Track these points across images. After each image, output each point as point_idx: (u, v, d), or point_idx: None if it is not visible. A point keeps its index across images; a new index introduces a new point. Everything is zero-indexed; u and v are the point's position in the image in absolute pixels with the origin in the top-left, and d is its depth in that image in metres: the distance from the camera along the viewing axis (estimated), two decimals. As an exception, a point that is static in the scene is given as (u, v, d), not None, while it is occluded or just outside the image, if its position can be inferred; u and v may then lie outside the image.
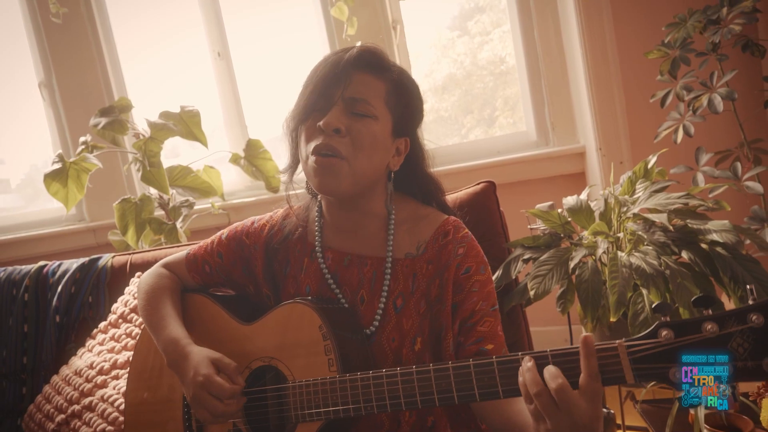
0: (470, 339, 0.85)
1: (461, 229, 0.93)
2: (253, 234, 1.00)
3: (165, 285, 1.01)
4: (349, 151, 0.84)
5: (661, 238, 1.28)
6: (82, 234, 2.58)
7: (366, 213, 0.94)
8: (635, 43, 2.01)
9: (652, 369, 0.57)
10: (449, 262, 0.87)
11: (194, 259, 1.03)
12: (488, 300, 0.88)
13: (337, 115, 0.84)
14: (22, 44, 2.51)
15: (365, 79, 0.86)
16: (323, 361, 0.79)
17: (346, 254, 0.93)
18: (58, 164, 1.92)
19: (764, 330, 0.54)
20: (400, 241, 0.92)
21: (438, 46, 2.70)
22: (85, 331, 1.52)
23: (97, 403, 1.28)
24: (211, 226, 2.38)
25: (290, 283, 0.95)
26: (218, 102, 2.57)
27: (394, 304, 0.88)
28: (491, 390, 0.67)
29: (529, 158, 2.27)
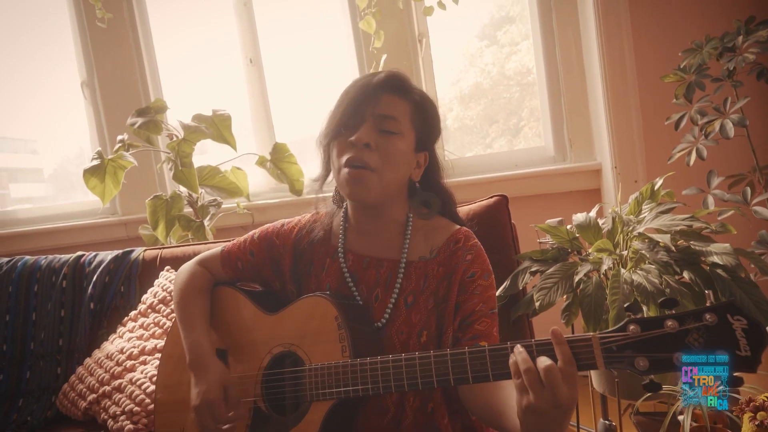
0: (467, 335, 0.94)
1: (471, 238, 1.02)
2: (283, 235, 1.10)
3: (197, 285, 1.10)
4: (378, 164, 0.94)
5: (664, 258, 1.33)
6: (115, 227, 2.71)
7: (387, 219, 1.03)
8: (654, 65, 2.06)
9: (620, 357, 0.67)
10: (458, 266, 0.97)
11: (228, 255, 1.13)
12: (488, 303, 0.96)
13: (367, 131, 0.94)
14: (68, 45, 2.65)
15: (392, 100, 0.97)
16: (337, 348, 0.88)
17: (365, 257, 1.02)
18: (96, 161, 2.05)
19: (717, 328, 0.64)
20: (415, 246, 1.01)
21: (466, 54, 2.72)
22: (117, 319, 1.63)
23: (125, 386, 1.38)
24: (235, 224, 2.49)
25: (313, 281, 1.05)
26: (248, 106, 2.68)
27: (405, 301, 0.97)
28: (482, 374, 0.76)
29: (546, 173, 2.32)
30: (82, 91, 2.63)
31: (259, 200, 2.57)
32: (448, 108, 2.75)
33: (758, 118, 1.84)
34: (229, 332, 1.05)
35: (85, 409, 1.43)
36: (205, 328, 1.03)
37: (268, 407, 0.95)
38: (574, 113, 2.30)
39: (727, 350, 0.63)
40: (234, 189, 2.30)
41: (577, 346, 0.70)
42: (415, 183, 1.04)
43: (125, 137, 2.20)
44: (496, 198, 1.56)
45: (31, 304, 1.71)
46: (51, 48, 2.83)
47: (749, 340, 0.63)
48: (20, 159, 3.55)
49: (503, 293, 1.44)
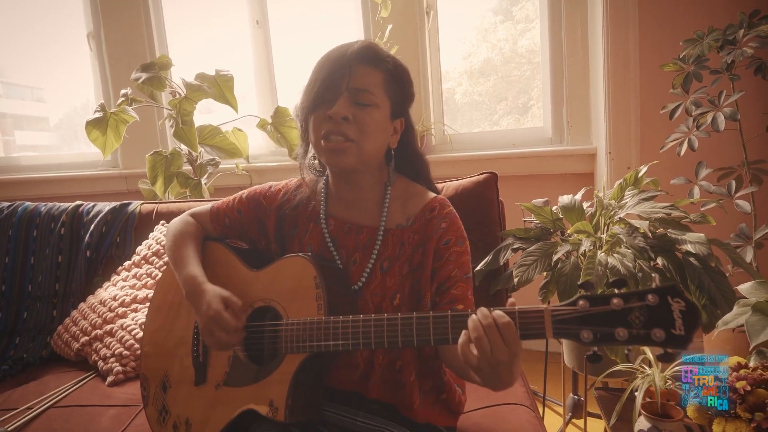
0: (444, 299, 0.99)
1: (446, 206, 1.05)
2: (269, 197, 1.14)
3: (190, 231, 1.16)
4: (356, 135, 0.98)
5: (641, 243, 1.38)
6: (115, 180, 2.76)
7: (366, 187, 1.07)
8: (656, 53, 2.06)
9: (568, 329, 0.73)
10: (432, 234, 1.01)
11: (217, 212, 1.18)
12: (462, 268, 1.01)
13: (343, 104, 0.97)
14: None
15: (366, 71, 0.99)
16: (314, 305, 0.93)
17: (346, 222, 1.07)
18: (99, 113, 2.08)
19: (657, 308, 0.69)
20: (392, 214, 1.06)
21: (480, 29, 2.69)
22: (111, 268, 1.69)
23: (116, 330, 1.44)
24: (233, 185, 2.52)
25: (296, 243, 1.09)
26: (252, 68, 2.69)
27: (381, 266, 1.02)
28: (443, 337, 0.82)
29: (542, 153, 2.35)
30: (88, 43, 2.64)
31: (258, 162, 2.61)
32: (457, 82, 2.74)
33: (752, 113, 1.86)
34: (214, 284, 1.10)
35: (77, 350, 1.50)
36: (198, 265, 1.08)
37: (246, 356, 1.01)
38: (574, 96, 2.32)
39: (664, 328, 0.68)
40: (234, 150, 2.33)
41: (529, 316, 0.75)
42: (391, 150, 1.07)
43: (129, 92, 2.22)
44: (485, 175, 1.59)
45: (30, 249, 1.77)
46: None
47: (684, 321, 0.68)
48: (27, 106, 3.57)
49: (484, 267, 1.49)
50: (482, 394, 1.26)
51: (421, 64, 2.46)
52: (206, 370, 1.04)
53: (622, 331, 0.70)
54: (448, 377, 1.06)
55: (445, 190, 1.58)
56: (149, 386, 1.11)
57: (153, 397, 1.10)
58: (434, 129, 2.53)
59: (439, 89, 2.56)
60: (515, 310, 0.76)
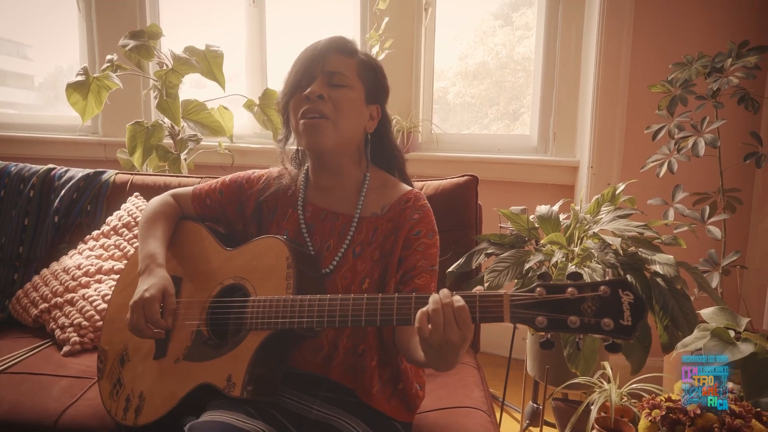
0: (407, 287, 1.02)
1: (421, 199, 1.08)
2: (252, 181, 1.17)
3: (165, 212, 1.18)
4: (331, 112, 1.01)
5: (611, 260, 1.39)
6: (93, 146, 2.70)
7: (345, 177, 1.10)
8: (646, 73, 2.08)
9: (524, 314, 0.76)
10: (404, 223, 1.04)
11: (199, 192, 1.21)
12: (429, 260, 1.03)
13: (319, 84, 1.02)
14: (68, -47, 2.58)
15: (339, 59, 1.05)
16: (283, 284, 0.94)
17: (323, 210, 1.09)
18: (81, 77, 2.03)
19: (608, 299, 0.73)
20: (369, 203, 1.08)
21: (478, 31, 2.69)
22: (79, 236, 1.66)
23: (77, 300, 1.41)
24: (215, 163, 2.49)
25: (273, 227, 1.12)
26: (244, 47, 2.65)
27: (353, 251, 1.04)
28: (405, 317, 0.84)
29: (526, 162, 2.36)
30: (77, 3, 2.58)
31: (241, 143, 2.58)
32: (451, 83, 2.74)
33: (731, 142, 1.88)
34: (186, 261, 1.11)
35: (35, 316, 1.46)
36: (163, 247, 1.10)
37: (209, 332, 1.00)
38: (562, 107, 2.33)
39: (612, 318, 0.72)
40: (218, 128, 2.30)
41: (489, 300, 0.78)
42: (368, 135, 1.10)
43: (114, 58, 2.17)
44: (466, 177, 1.59)
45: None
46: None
47: (632, 313, 0.72)
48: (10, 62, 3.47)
49: (456, 269, 1.49)
50: (441, 395, 1.27)
51: (414, 60, 2.45)
52: (167, 344, 1.03)
53: (575, 318, 0.73)
54: (405, 366, 1.08)
55: (426, 188, 1.58)
56: (106, 359, 1.10)
57: (109, 371, 1.08)
58: (422, 127, 2.52)
59: (431, 87, 2.56)
60: (476, 295, 0.79)
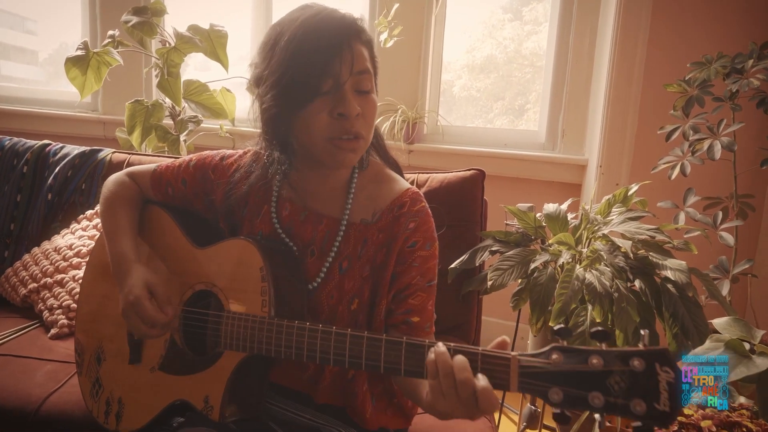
0: (400, 308, 0.90)
1: (417, 202, 0.92)
2: (220, 171, 0.99)
3: (125, 195, 1.02)
4: (365, 130, 0.85)
5: (621, 263, 1.35)
6: (92, 124, 2.64)
7: (334, 174, 0.93)
8: (662, 72, 2.02)
9: (536, 385, 0.62)
10: (399, 234, 0.89)
11: (159, 177, 1.03)
12: (426, 276, 0.91)
13: (352, 98, 0.82)
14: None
15: (361, 50, 0.83)
16: (258, 300, 0.83)
17: (304, 209, 0.93)
18: (81, 51, 1.97)
19: (641, 375, 0.58)
20: (358, 206, 0.93)
21: (487, 24, 2.63)
22: (72, 215, 1.61)
23: (67, 281, 1.37)
24: (215, 146, 2.43)
25: (246, 225, 0.97)
26: (250, 29, 2.59)
27: (339, 266, 0.91)
28: (395, 366, 0.72)
29: (533, 158, 2.31)
30: (80, -24, 2.51)
31: (243, 127, 2.52)
32: (457, 75, 2.68)
33: (748, 146, 1.84)
34: (152, 259, 1.00)
35: (24, 296, 1.42)
36: (132, 239, 0.97)
37: (183, 342, 0.93)
38: (573, 104, 2.27)
39: (646, 400, 0.57)
40: (219, 110, 2.24)
41: (493, 362, 0.65)
42: None
43: (116, 33, 2.11)
44: (473, 172, 1.54)
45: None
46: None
47: (671, 395, 0.57)
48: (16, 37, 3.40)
49: (459, 266, 1.45)
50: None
51: (423, 49, 2.39)
52: (141, 349, 0.96)
53: (598, 396, 0.58)
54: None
55: (430, 181, 1.53)
56: (84, 353, 1.03)
57: (87, 367, 1.02)
58: (427, 118, 2.46)
59: (438, 77, 2.50)
60: (478, 352, 0.66)
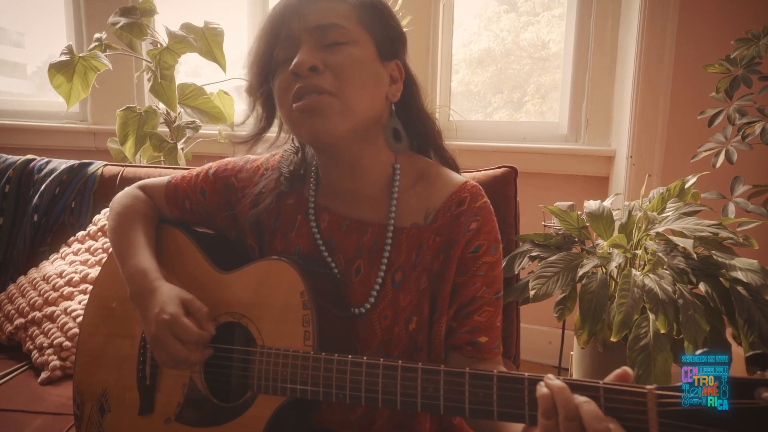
0: (464, 327, 0.78)
1: (478, 197, 0.80)
2: (245, 177, 0.88)
3: (140, 209, 0.90)
4: (335, 85, 0.71)
5: (681, 264, 1.20)
6: (82, 135, 2.49)
7: (366, 170, 0.80)
8: (694, 53, 1.88)
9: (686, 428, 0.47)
10: (458, 237, 0.77)
11: (175, 190, 0.92)
12: (492, 286, 0.79)
13: (308, 51, 0.71)
14: None
15: (327, 5, 0.73)
16: (299, 331, 0.70)
17: (345, 218, 0.81)
18: (66, 56, 1.81)
19: None
20: (406, 208, 0.80)
21: (483, 17, 2.55)
22: (62, 237, 1.45)
23: (59, 315, 1.21)
24: (214, 153, 2.28)
25: (278, 240, 0.85)
26: (246, 28, 2.44)
27: (392, 279, 0.78)
28: (484, 408, 0.58)
29: (555, 151, 2.16)
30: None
31: (243, 131, 2.37)
32: (454, 70, 2.57)
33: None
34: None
35: (10, 333, 1.26)
36: (151, 256, 0.83)
37: (205, 386, 0.78)
38: (596, 92, 2.13)
39: None
40: (217, 114, 2.09)
41: (623, 400, 0.51)
42: (392, 106, 0.80)
43: (103, 36, 1.96)
44: (504, 169, 1.39)
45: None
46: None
47: None
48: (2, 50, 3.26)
49: (496, 275, 1.30)
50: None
51: (431, 41, 2.24)
52: (154, 397, 0.81)
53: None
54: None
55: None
56: (84, 404, 0.87)
57: (87, 420, 0.86)
58: (439, 113, 2.31)
59: (449, 70, 2.35)
60: (600, 386, 0.52)
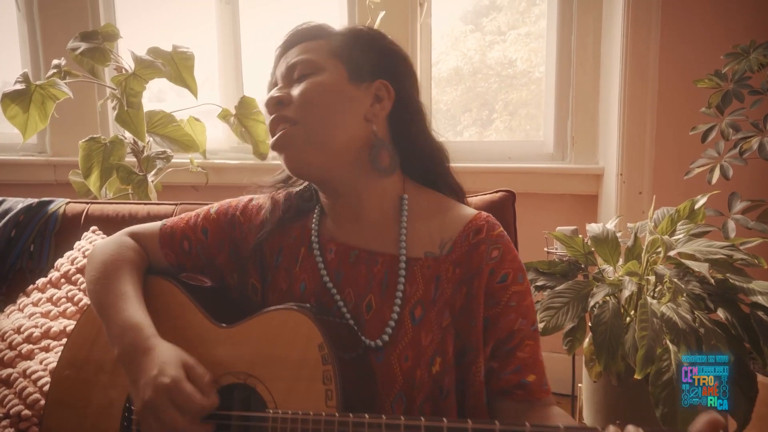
0: (508, 367, 0.72)
1: (496, 226, 0.77)
2: (249, 212, 0.84)
3: (128, 257, 0.81)
4: (297, 113, 0.73)
5: (696, 290, 1.14)
6: (41, 168, 2.32)
7: (367, 198, 0.77)
8: (680, 68, 1.86)
9: None
10: (481, 267, 0.73)
11: (171, 232, 0.85)
12: (528, 317, 0.74)
13: (277, 89, 0.77)
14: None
15: (303, 47, 0.77)
16: (318, 390, 0.61)
17: (353, 248, 0.77)
18: (21, 85, 1.68)
19: None
20: (418, 236, 0.76)
21: (450, 36, 2.54)
22: (20, 285, 1.30)
23: (16, 378, 1.06)
24: (185, 182, 2.16)
25: (281, 276, 0.78)
26: (216, 51, 2.33)
27: (411, 315, 0.72)
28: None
29: (541, 170, 2.11)
30: (16, 1, 2.21)
31: (216, 159, 2.25)
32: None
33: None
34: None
35: (-41, 400, 1.11)
36: (143, 309, 0.74)
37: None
38: (581, 109, 2.09)
39: None
40: (189, 142, 1.97)
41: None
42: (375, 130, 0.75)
43: (62, 63, 1.82)
44: (501, 194, 1.32)
45: None
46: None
47: None
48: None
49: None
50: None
51: (411, 61, 2.18)
52: None
53: None
54: None
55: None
56: None
57: None
58: (421, 134, 2.25)
59: (429, 90, 2.29)
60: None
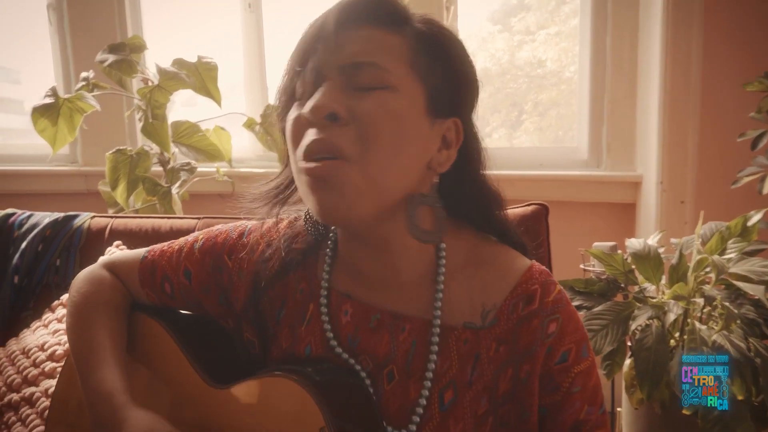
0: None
1: (551, 288, 0.61)
2: (238, 254, 0.69)
3: (104, 298, 0.71)
4: (355, 148, 0.53)
5: (750, 314, 1.05)
6: (72, 177, 2.35)
7: (401, 252, 0.62)
8: (726, 70, 1.76)
9: None
10: (535, 348, 0.59)
11: (152, 269, 0.72)
12: (596, 401, 0.60)
13: (330, 92, 0.54)
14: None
15: (369, 35, 0.55)
16: None
17: (375, 310, 0.62)
18: (50, 98, 1.69)
19: None
20: (456, 300, 0.61)
21: (477, 37, 2.50)
22: (47, 300, 1.30)
23: (39, 397, 1.05)
24: (212, 191, 2.15)
25: (284, 334, 0.66)
26: (241, 59, 2.32)
27: (440, 397, 0.59)
28: None
29: (575, 178, 2.03)
30: (48, 15, 2.24)
31: (242, 167, 2.24)
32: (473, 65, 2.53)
33: None
34: (149, 395, 0.68)
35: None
36: (120, 367, 0.65)
37: None
38: (616, 114, 2.00)
39: None
40: (214, 152, 1.96)
41: None
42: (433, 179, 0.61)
43: (90, 75, 1.84)
44: (533, 207, 1.25)
45: (-57, 267, 1.37)
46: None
47: None
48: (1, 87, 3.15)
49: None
50: None
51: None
52: None
53: None
54: None
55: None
56: None
57: None
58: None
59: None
60: None
